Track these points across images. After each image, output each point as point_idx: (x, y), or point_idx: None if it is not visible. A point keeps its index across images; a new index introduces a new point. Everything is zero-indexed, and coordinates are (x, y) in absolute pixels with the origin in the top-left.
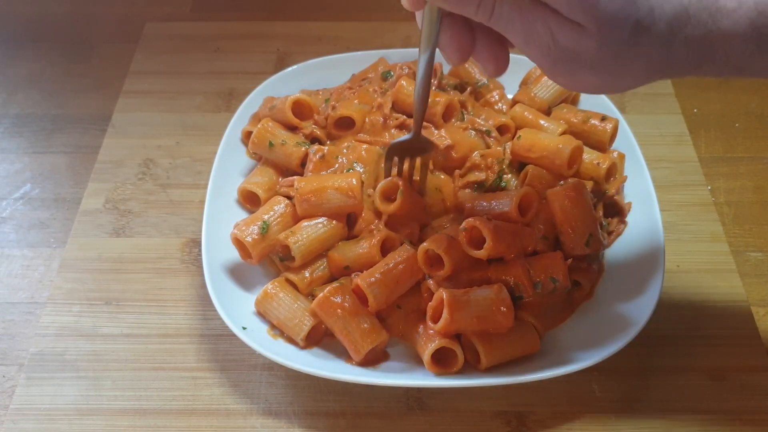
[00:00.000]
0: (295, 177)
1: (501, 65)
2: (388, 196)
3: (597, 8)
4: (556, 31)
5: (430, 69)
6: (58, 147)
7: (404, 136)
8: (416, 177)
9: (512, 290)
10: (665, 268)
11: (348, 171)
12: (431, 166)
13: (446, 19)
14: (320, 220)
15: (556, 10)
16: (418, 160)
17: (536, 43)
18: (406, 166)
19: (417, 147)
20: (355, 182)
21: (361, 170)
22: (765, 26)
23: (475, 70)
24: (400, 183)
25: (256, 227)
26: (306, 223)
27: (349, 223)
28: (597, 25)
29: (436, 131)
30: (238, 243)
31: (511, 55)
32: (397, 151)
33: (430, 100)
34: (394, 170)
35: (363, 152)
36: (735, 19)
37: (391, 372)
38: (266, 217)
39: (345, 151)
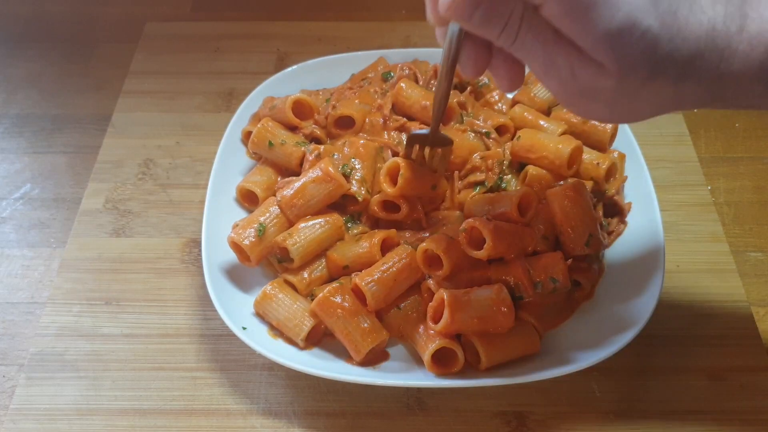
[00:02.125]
0: (285, 180)
1: (516, 83)
2: (394, 177)
3: (622, 51)
4: (577, 67)
5: (450, 80)
6: (58, 147)
7: (423, 130)
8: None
9: (512, 290)
10: (665, 268)
11: (344, 166)
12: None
13: (467, 38)
14: (318, 220)
15: (580, 47)
16: (438, 150)
17: (555, 76)
18: (426, 150)
19: (435, 141)
20: (328, 167)
21: (358, 166)
22: None
23: None
24: (401, 162)
25: (252, 230)
26: (303, 225)
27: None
28: (618, 66)
29: None
30: (236, 246)
31: None
32: (416, 140)
33: (428, 103)
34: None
35: (360, 148)
36: (747, 62)
37: (391, 372)
38: (262, 219)
39: (345, 150)
